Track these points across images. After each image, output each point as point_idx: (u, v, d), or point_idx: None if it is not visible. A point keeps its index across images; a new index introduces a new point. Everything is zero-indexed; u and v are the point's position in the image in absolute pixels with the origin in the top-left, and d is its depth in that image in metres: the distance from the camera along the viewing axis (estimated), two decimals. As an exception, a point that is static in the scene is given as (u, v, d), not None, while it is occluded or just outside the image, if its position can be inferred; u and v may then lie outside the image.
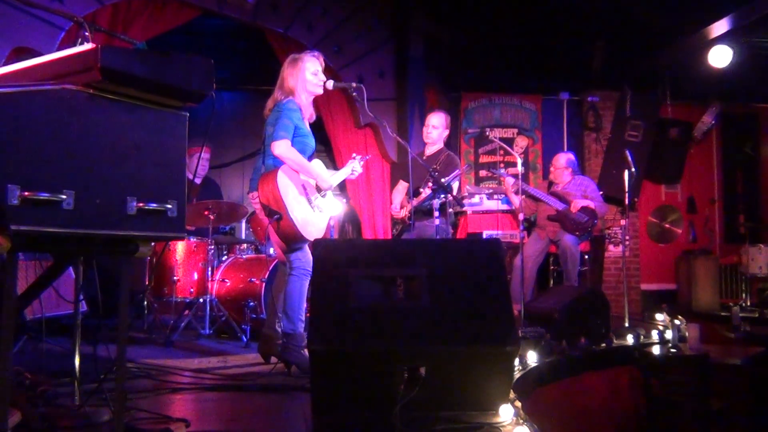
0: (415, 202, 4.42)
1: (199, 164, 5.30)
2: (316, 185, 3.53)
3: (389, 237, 6.23)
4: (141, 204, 1.73)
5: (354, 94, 3.72)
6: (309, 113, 3.57)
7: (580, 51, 7.26)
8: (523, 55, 7.18)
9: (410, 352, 2.39)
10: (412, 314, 2.45)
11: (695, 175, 8.06)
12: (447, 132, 4.93)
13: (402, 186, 5.11)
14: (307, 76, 3.50)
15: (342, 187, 6.37)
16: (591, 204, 5.59)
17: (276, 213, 3.21)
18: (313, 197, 3.46)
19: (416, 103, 6.55)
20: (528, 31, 6.80)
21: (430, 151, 4.90)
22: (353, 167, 3.87)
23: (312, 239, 3.27)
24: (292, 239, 3.30)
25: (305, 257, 3.38)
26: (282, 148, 3.29)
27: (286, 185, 3.27)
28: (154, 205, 1.76)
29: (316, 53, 3.59)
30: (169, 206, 1.80)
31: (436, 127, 4.84)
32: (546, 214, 5.70)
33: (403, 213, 4.73)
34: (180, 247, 4.80)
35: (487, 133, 5.26)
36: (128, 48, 1.86)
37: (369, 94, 3.71)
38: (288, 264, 3.41)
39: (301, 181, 3.41)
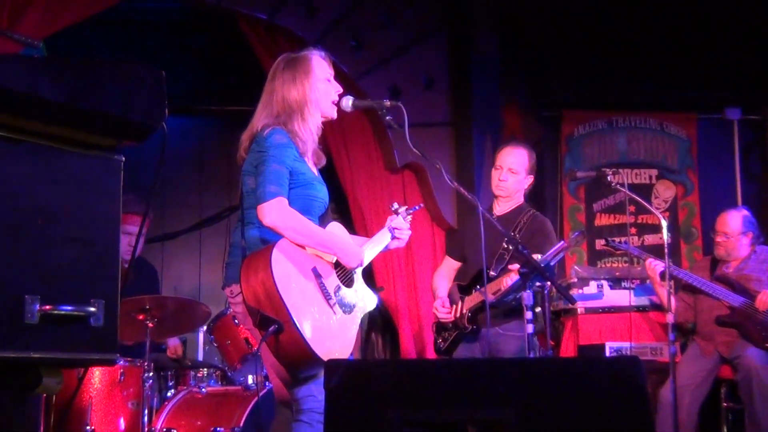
0: (492, 294, 4.40)
1: (138, 242, 5.34)
2: (336, 265, 3.55)
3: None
4: (47, 306, 1.76)
5: (388, 118, 3.77)
6: (314, 149, 3.62)
7: (758, 41, 7.29)
8: (663, 48, 7.23)
9: None
10: (493, 488, 2.41)
11: None
12: (531, 179, 4.96)
13: (449, 267, 5.11)
14: (320, 86, 3.58)
15: (366, 271, 6.35)
16: (790, 297, 5.51)
17: (272, 321, 3.20)
18: (333, 287, 3.46)
19: (488, 129, 6.60)
20: (670, 10, 6.87)
21: (502, 208, 4.94)
22: (396, 227, 3.87)
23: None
24: (301, 363, 3.28)
25: (323, 393, 3.37)
26: (274, 213, 3.31)
27: (286, 273, 3.26)
28: (69, 308, 1.79)
29: (322, 53, 3.68)
30: (93, 309, 1.83)
31: (514, 171, 4.86)
32: (712, 314, 5.63)
33: (453, 312, 4.71)
34: (97, 376, 4.80)
35: (608, 178, 5.26)
36: (28, 57, 1.92)
37: (411, 117, 3.75)
38: (294, 404, 3.39)
39: (311, 262, 3.42)
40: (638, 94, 7.46)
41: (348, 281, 3.58)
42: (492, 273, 4.53)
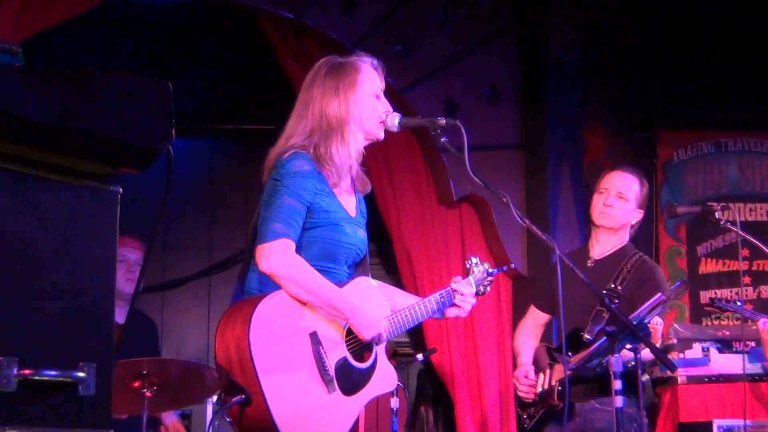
0: (575, 359, 4.37)
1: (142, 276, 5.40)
2: (348, 332, 3.48)
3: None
4: (27, 371, 1.75)
5: (442, 139, 3.77)
6: (356, 174, 3.62)
7: None
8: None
9: None
10: None
11: None
12: (641, 215, 4.97)
13: (535, 321, 5.16)
14: (367, 102, 3.57)
15: (416, 328, 6.31)
16: None
17: (239, 389, 3.20)
18: (334, 359, 3.39)
19: (566, 153, 6.60)
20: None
21: (602, 249, 4.95)
22: (458, 290, 3.84)
23: None
24: None
25: None
26: (273, 257, 3.31)
27: (268, 334, 3.24)
28: (53, 373, 1.79)
29: (375, 61, 3.68)
30: (82, 375, 1.83)
31: (623, 197, 4.88)
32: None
33: (540, 384, 4.67)
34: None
35: (716, 214, 5.24)
36: (4, 67, 1.92)
37: (471, 138, 3.75)
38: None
39: (312, 325, 3.38)
40: (752, 110, 7.41)
41: (360, 353, 3.52)
42: (587, 336, 4.49)
